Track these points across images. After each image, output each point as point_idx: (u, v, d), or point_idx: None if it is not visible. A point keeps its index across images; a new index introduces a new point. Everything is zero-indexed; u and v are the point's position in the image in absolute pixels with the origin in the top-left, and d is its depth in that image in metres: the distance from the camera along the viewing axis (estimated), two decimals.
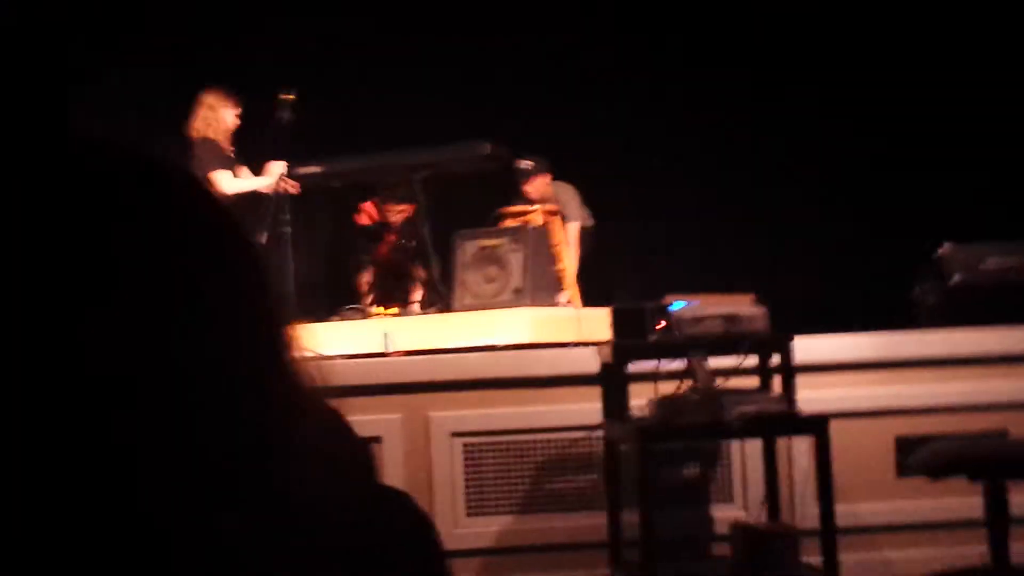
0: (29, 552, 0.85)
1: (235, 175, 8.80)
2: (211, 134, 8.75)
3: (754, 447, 6.24)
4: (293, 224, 8.79)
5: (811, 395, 5.96)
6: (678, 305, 5.75)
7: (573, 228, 9.68)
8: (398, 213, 9.55)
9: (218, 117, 8.79)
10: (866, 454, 6.42)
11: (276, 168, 8.82)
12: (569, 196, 9.82)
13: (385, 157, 9.36)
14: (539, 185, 9.58)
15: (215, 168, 8.55)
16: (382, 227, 9.73)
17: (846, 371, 6.45)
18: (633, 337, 5.70)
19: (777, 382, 5.69)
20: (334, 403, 1.07)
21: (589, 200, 9.95)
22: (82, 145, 0.93)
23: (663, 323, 5.67)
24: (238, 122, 8.87)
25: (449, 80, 10.30)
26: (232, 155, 8.85)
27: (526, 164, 9.42)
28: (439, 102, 10.05)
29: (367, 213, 9.83)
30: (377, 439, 6.27)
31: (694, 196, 10.17)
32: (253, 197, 8.72)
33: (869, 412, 6.43)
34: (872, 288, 9.27)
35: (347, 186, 9.58)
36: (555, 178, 9.81)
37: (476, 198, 9.26)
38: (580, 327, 7.66)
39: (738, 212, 10.19)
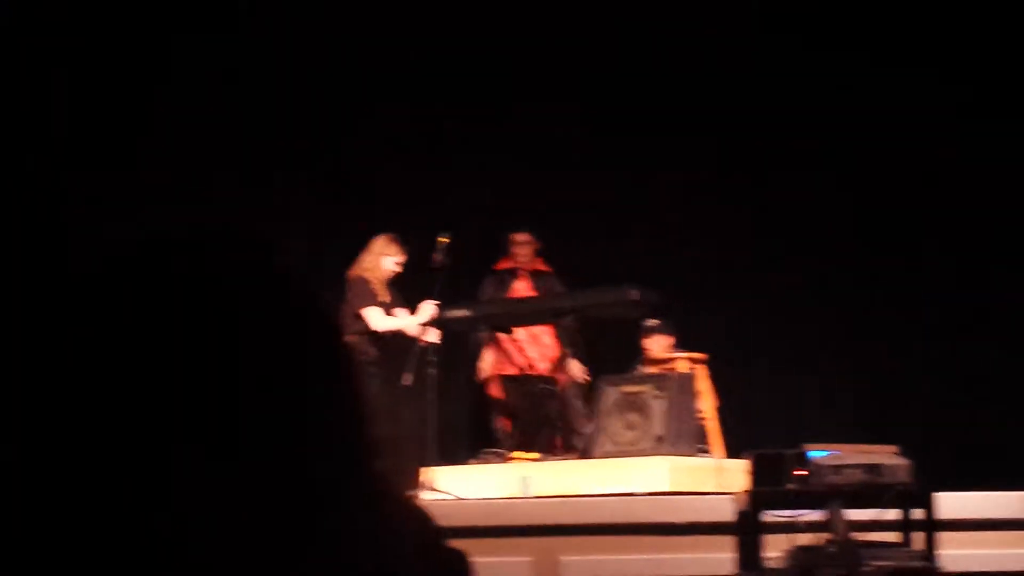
0: None
1: (389, 314, 8.84)
2: (367, 275, 8.83)
3: None
4: (439, 367, 8.78)
5: (955, 553, 5.72)
6: (818, 454, 5.62)
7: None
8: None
9: (378, 261, 8.88)
10: None
11: (427, 309, 8.84)
12: None
13: (531, 301, 9.34)
14: (660, 344, 9.34)
15: (364, 306, 8.62)
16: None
17: (994, 530, 6.19)
18: (771, 484, 5.58)
19: (920, 538, 5.48)
20: (457, 541, 1.10)
21: (726, 352, 9.65)
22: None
23: (802, 471, 5.54)
24: (399, 269, 8.92)
25: (595, 223, 10.25)
26: (386, 297, 8.88)
27: (652, 322, 9.27)
28: (586, 243, 10.00)
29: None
30: None
31: (840, 344, 9.92)
32: (401, 338, 8.75)
33: (1016, 574, 6.14)
34: None
35: (494, 329, 9.54)
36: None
37: (624, 341, 9.17)
38: (720, 477, 7.49)
39: (886, 360, 9.88)
